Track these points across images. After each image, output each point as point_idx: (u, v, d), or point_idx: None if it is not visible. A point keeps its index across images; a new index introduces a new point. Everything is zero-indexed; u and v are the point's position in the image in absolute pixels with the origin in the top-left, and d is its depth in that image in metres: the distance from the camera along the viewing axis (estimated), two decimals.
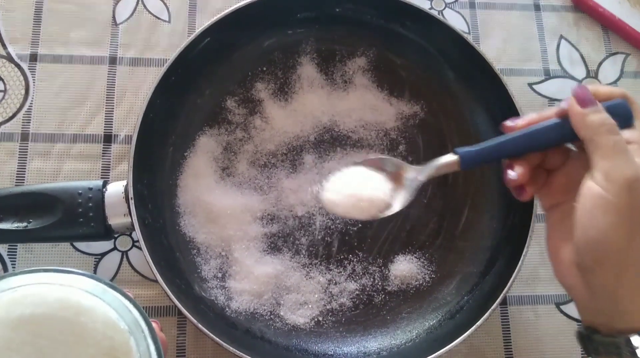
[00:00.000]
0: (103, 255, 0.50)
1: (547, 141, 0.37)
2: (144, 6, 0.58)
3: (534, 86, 0.60)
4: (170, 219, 0.50)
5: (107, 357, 0.26)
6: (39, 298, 0.26)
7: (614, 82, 0.61)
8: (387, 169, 0.42)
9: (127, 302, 0.28)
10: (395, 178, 0.42)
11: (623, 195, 0.33)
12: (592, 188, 0.34)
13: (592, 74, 0.61)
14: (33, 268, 0.28)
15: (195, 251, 0.50)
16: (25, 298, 0.26)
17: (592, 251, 0.34)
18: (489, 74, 0.53)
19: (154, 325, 0.29)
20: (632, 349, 0.33)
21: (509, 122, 0.39)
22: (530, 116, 0.38)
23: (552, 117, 0.37)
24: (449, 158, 0.39)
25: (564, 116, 0.36)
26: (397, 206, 0.41)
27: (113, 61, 0.55)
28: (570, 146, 0.38)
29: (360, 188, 0.42)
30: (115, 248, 0.51)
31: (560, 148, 0.38)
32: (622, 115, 0.36)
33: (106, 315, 0.27)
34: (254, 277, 0.49)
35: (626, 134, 0.35)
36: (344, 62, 0.56)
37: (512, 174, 0.38)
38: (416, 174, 0.41)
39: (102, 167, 0.53)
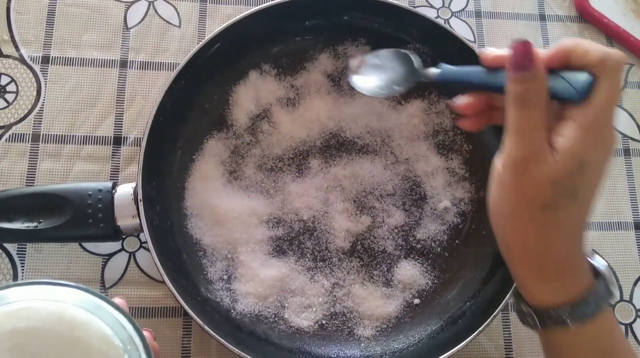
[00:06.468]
0: (111, 255, 0.51)
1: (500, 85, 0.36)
2: (155, 11, 0.58)
3: None
4: (177, 221, 0.51)
5: None
6: (33, 312, 0.26)
7: None
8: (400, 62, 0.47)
9: (121, 317, 0.27)
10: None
11: (509, 174, 0.35)
12: (495, 162, 0.36)
13: None
14: (27, 281, 0.28)
15: (201, 253, 0.50)
16: (20, 311, 0.26)
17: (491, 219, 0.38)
18: None
19: (147, 334, 0.28)
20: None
21: (484, 50, 0.38)
22: (500, 52, 0.37)
23: None
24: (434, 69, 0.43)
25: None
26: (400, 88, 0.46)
27: (124, 64, 0.56)
28: None
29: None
30: (123, 249, 0.51)
31: None
32: (578, 88, 0.33)
33: (101, 330, 0.26)
34: (259, 280, 0.49)
35: (572, 110, 0.34)
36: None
37: (457, 101, 0.41)
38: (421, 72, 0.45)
39: (111, 169, 0.53)
